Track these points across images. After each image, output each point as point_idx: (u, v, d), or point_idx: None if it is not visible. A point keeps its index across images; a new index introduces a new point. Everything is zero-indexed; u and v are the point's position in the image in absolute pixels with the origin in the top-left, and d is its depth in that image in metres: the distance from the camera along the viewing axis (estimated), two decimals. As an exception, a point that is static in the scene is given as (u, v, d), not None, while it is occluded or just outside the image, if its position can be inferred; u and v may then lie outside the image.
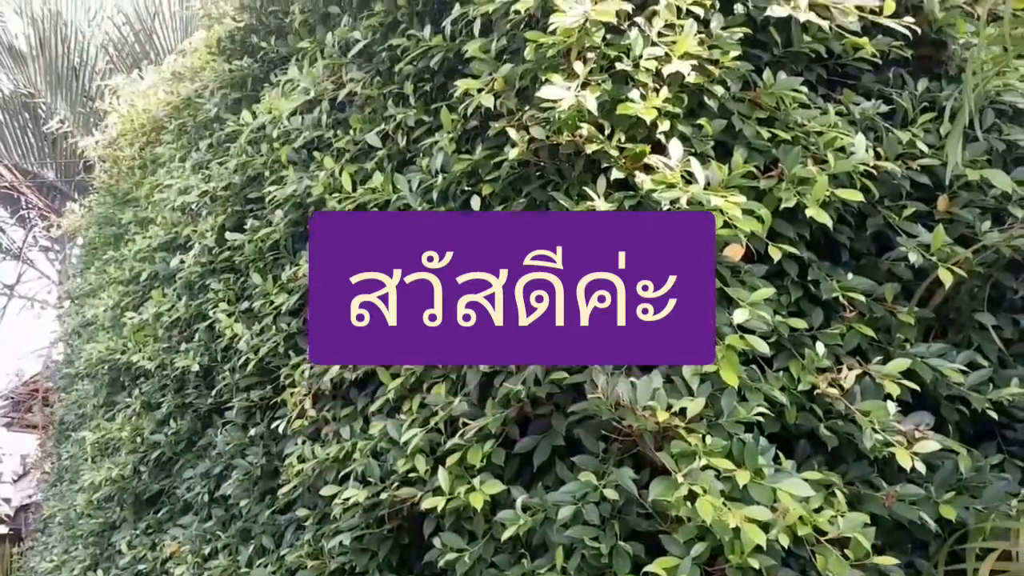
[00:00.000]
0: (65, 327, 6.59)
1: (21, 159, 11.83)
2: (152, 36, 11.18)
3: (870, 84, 2.53)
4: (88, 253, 6.66)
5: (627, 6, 2.16)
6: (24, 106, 11.90)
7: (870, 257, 2.40)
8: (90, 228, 6.49)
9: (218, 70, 4.34)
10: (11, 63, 11.73)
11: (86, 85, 11.23)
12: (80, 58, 11.47)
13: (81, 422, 5.65)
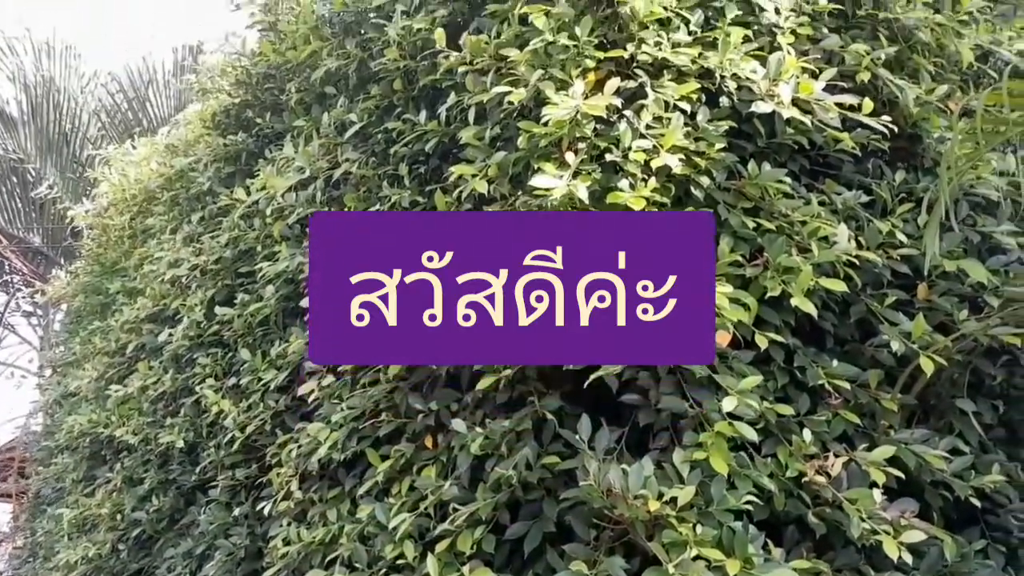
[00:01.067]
0: (46, 397, 6.52)
1: (7, 224, 11.85)
2: (145, 104, 11.34)
3: (851, 174, 2.61)
4: (73, 322, 6.64)
5: (617, 100, 2.23)
6: (13, 171, 11.97)
7: (854, 343, 2.44)
8: (76, 296, 6.48)
9: (212, 144, 4.41)
10: (2, 128, 11.83)
11: (76, 151, 11.33)
12: (72, 124, 11.58)
13: (59, 496, 5.56)
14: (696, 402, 2.13)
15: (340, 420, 2.72)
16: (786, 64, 2.35)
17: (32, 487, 6.69)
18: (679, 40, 2.39)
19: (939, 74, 2.79)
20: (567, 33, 2.39)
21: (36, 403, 7.63)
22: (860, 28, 2.78)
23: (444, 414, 2.54)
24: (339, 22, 3.46)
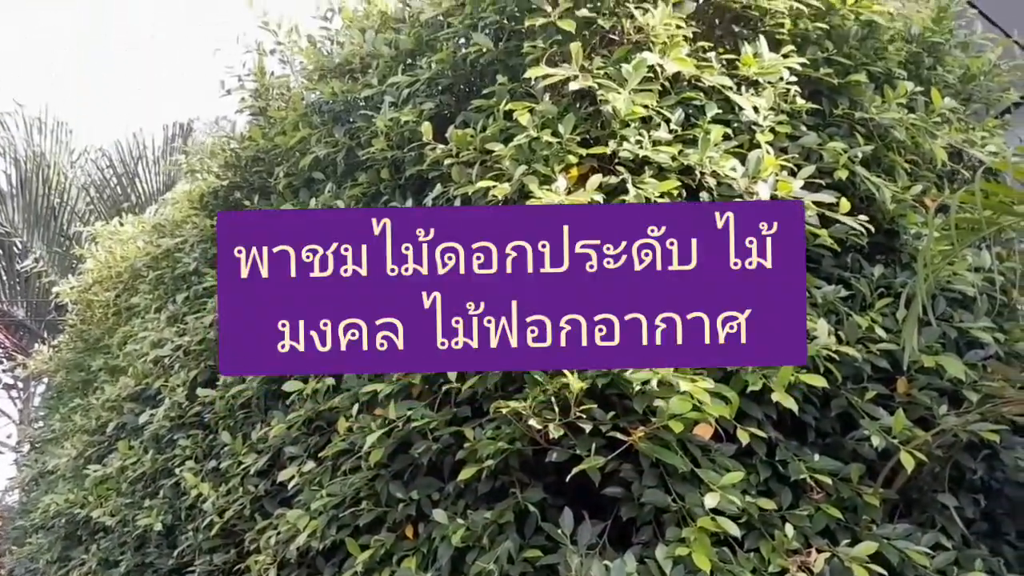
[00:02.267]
0: (23, 475, 6.41)
1: (-9, 296, 11.80)
2: (135, 179, 11.44)
3: (830, 268, 2.66)
4: (54, 398, 6.57)
5: (599, 196, 2.29)
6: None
7: (835, 436, 2.46)
8: (58, 372, 6.42)
9: (199, 224, 4.45)
10: (-10, 201, 11.87)
11: (64, 225, 11.35)
12: (60, 198, 11.64)
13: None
14: (679, 496, 2.13)
15: (320, 507, 2.69)
16: (765, 162, 2.42)
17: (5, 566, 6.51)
18: (660, 138, 2.46)
19: (914, 171, 2.88)
20: (551, 130, 2.45)
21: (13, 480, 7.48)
22: (837, 126, 2.87)
23: (425, 503, 2.52)
24: (328, 110, 3.54)
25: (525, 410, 2.20)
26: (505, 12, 2.91)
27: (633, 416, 2.17)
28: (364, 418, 2.70)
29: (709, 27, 2.93)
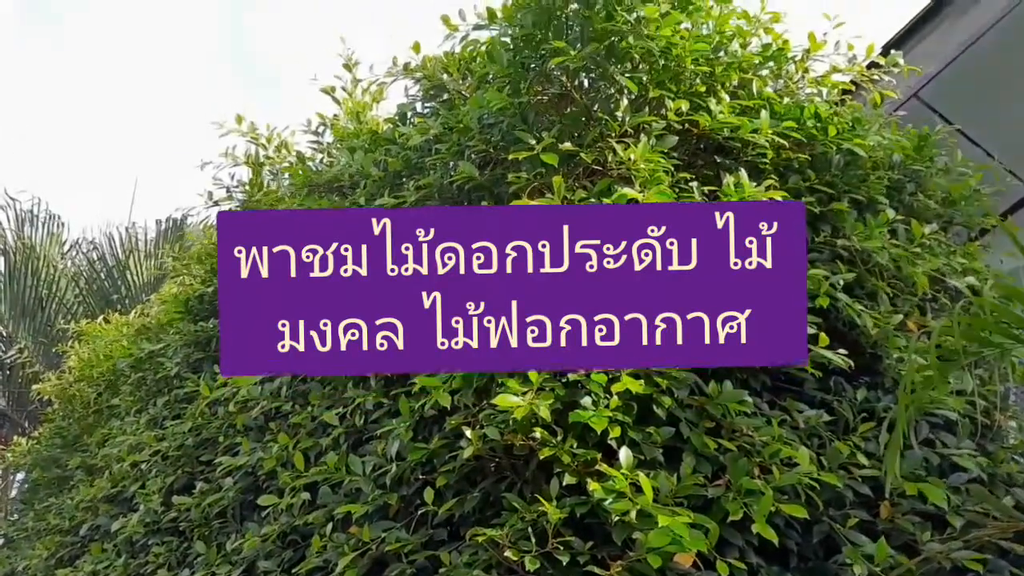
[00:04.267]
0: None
1: (-27, 385, 11.65)
2: (125, 272, 11.44)
3: (812, 392, 2.67)
4: (29, 492, 6.42)
5: (580, 322, 2.30)
6: (-16, 334, 11.89)
7: (818, 562, 2.41)
8: (35, 468, 6.30)
9: (183, 330, 4.44)
10: (-25, 292, 11.83)
11: (51, 316, 11.30)
12: (49, 290, 11.61)
13: None
14: (660, 627, 2.07)
15: (292, 630, 2.61)
16: (744, 288, 2.44)
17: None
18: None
19: (896, 295, 2.90)
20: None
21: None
22: (819, 252, 2.90)
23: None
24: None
25: (502, 539, 2.16)
26: (491, 142, 2.98)
27: (612, 546, 2.13)
28: (338, 537, 2.64)
29: (691, 157, 3.00)
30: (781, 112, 3.12)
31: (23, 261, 11.38)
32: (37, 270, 11.43)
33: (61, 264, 11.78)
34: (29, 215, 11.64)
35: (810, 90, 3.39)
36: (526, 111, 2.88)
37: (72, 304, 11.41)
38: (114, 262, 11.53)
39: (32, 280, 11.44)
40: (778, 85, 3.36)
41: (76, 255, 11.97)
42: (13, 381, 11.63)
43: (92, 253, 11.75)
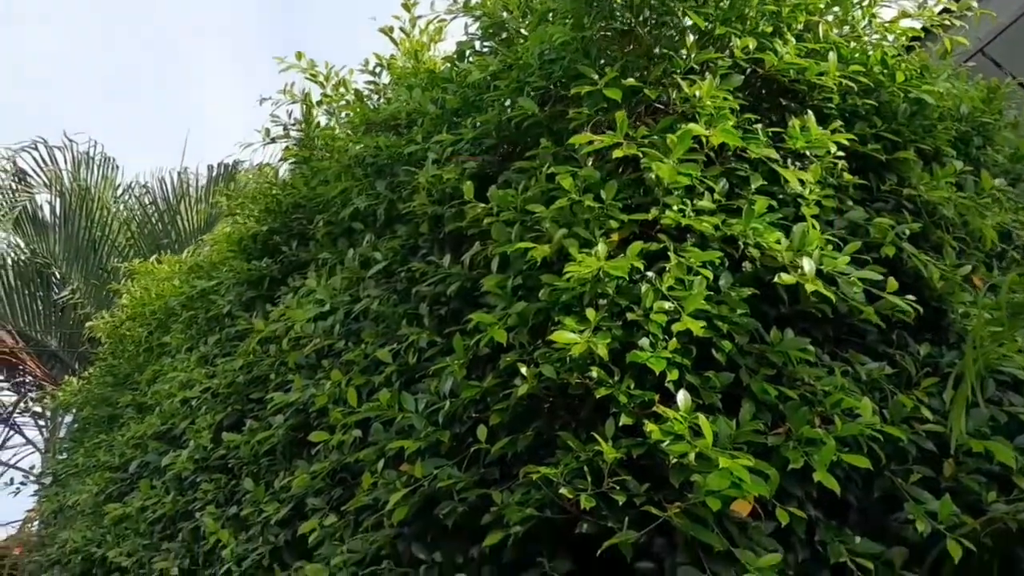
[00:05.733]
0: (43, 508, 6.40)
1: (26, 325, 11.93)
2: (176, 217, 11.60)
3: (875, 344, 2.59)
4: (80, 430, 6.58)
5: (639, 263, 2.25)
6: (38, 273, 12.15)
7: (878, 518, 2.36)
8: (85, 406, 6.44)
9: (236, 267, 4.47)
10: (33, 232, 12.09)
11: (103, 259, 11.51)
12: (102, 232, 11.82)
13: (46, 613, 5.38)
14: (713, 574, 2.04)
15: (340, 563, 2.63)
16: (810, 236, 2.37)
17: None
18: (703, 207, 2.43)
19: (963, 249, 2.81)
20: (593, 194, 2.43)
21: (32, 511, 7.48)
22: (884, 202, 2.82)
23: (448, 568, 2.45)
24: (371, 164, 3.56)
25: (556, 477, 2.14)
26: (552, 78, 2.92)
27: (669, 489, 2.10)
28: (389, 474, 2.65)
29: (756, 99, 2.91)
30: (848, 56, 3.02)
31: (78, 203, 11.59)
32: (91, 212, 11.64)
33: (114, 207, 11.96)
34: (85, 157, 11.83)
35: (877, 36, 3.27)
36: (588, 46, 2.81)
37: (124, 247, 11.61)
38: (165, 207, 11.69)
39: (86, 222, 11.65)
40: (843, 31, 3.24)
41: (129, 199, 12.16)
42: (65, 322, 11.90)
43: (144, 197, 11.93)
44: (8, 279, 12.08)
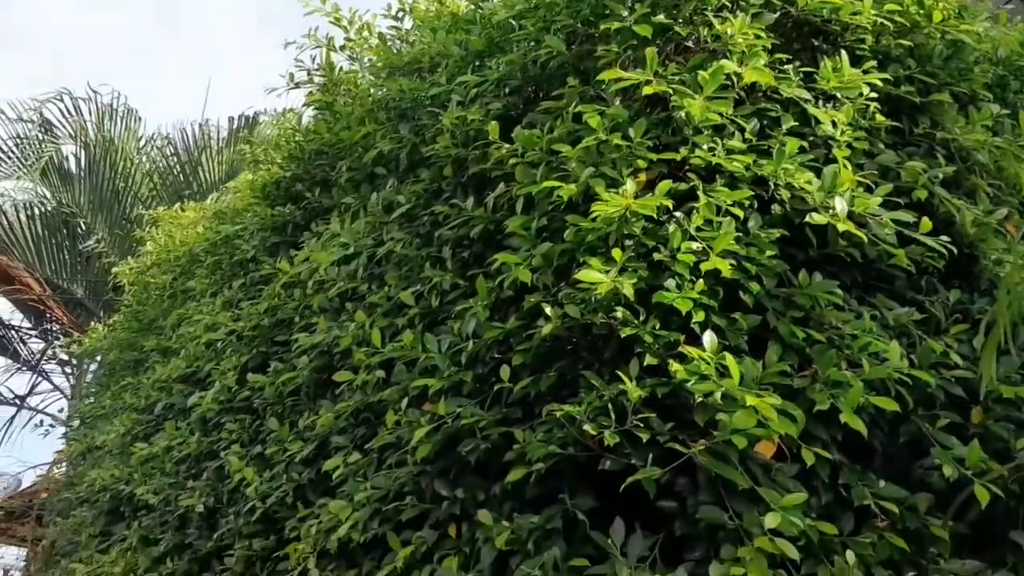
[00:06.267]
0: (71, 449, 6.51)
1: (53, 274, 12.06)
2: (198, 168, 11.63)
3: (903, 290, 2.56)
4: (106, 375, 6.66)
5: (668, 201, 2.22)
6: (64, 223, 12.24)
7: (903, 464, 2.35)
8: (111, 351, 6.52)
9: (260, 213, 4.47)
10: (58, 182, 12.16)
11: (127, 209, 11.59)
12: (125, 183, 11.89)
13: (73, 549, 5.48)
14: (736, 514, 2.05)
15: (363, 499, 2.66)
16: (841, 177, 2.33)
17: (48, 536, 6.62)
18: (733, 146, 2.39)
19: (997, 195, 2.76)
20: (620, 133, 2.40)
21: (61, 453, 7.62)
22: (916, 146, 2.77)
23: (470, 503, 2.48)
24: (394, 107, 3.53)
25: (579, 415, 2.15)
26: (579, 16, 2.86)
27: (693, 429, 2.10)
28: (413, 412, 2.67)
29: (787, 39, 2.85)
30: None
31: (102, 154, 11.64)
32: (115, 163, 11.69)
33: (137, 159, 12.01)
34: (108, 109, 11.85)
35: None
36: (618, -18, 2.75)
37: (146, 198, 11.67)
38: (187, 158, 11.72)
39: (110, 173, 11.71)
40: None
41: (151, 150, 12.19)
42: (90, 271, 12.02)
43: (166, 148, 11.96)
44: (36, 229, 12.19)
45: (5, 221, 11.86)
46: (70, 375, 12.59)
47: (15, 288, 11.07)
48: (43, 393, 12.70)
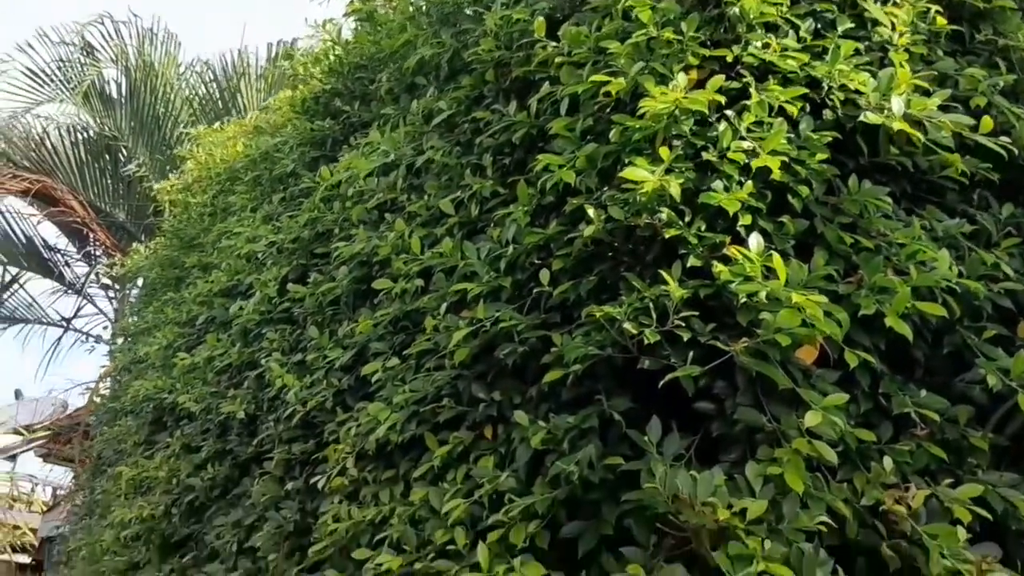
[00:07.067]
0: (115, 363, 6.67)
1: (96, 198, 12.24)
2: (236, 95, 11.63)
3: (954, 203, 2.50)
4: (148, 293, 6.78)
5: (720, 97, 2.17)
6: (107, 148, 12.39)
7: (944, 376, 2.32)
8: (153, 269, 6.62)
9: (300, 128, 4.47)
10: (100, 106, 12.26)
11: (167, 134, 11.66)
12: (165, 108, 11.95)
13: (119, 458, 5.65)
14: (774, 417, 2.04)
15: (401, 402, 2.69)
16: (899, 78, 2.26)
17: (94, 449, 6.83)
18: (787, 45, 2.32)
19: (1057, 109, 2.66)
20: (671, 28, 2.34)
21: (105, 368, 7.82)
22: (976, 55, 2.67)
23: (506, 405, 2.49)
24: (436, 12, 3.47)
25: (620, 315, 2.13)
26: None
27: (734, 331, 2.08)
28: (451, 318, 2.68)
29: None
30: None
31: (142, 79, 11.68)
32: (155, 88, 11.75)
33: (177, 84, 12.04)
34: (149, 33, 11.87)
35: None
36: None
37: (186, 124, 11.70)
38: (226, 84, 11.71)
39: (150, 98, 11.77)
40: None
41: (190, 76, 12.20)
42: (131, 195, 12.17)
43: (206, 74, 11.96)
44: (80, 154, 12.36)
45: (49, 144, 12.01)
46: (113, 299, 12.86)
47: (60, 211, 11.25)
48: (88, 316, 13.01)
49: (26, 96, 11.87)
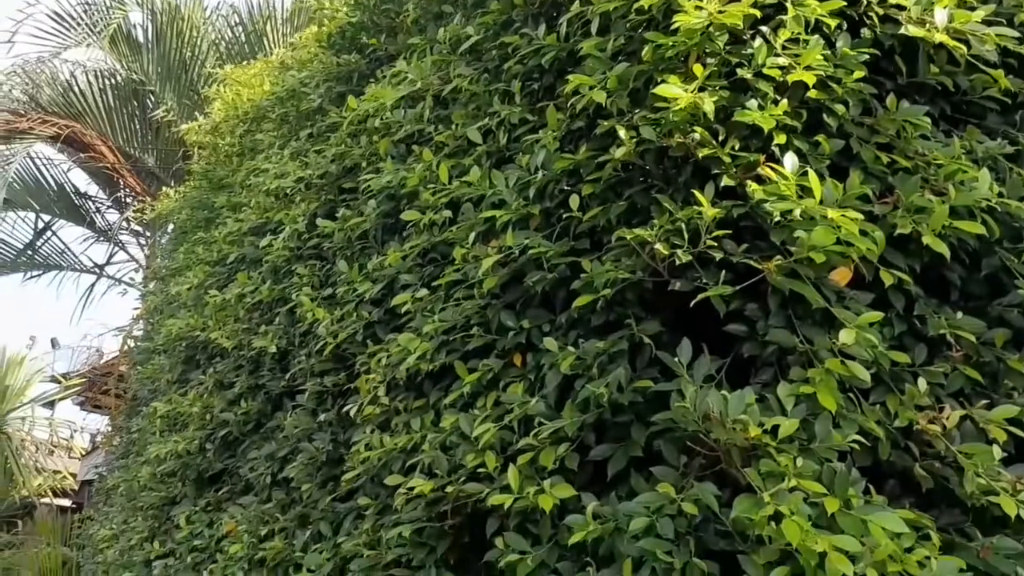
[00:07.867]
0: (148, 304, 6.76)
1: (125, 143, 12.28)
2: (262, 38, 11.55)
3: (995, 125, 2.43)
4: (178, 235, 6.84)
5: (755, 12, 2.11)
6: (134, 93, 12.38)
7: (980, 300, 2.28)
8: (183, 211, 6.66)
9: (326, 63, 4.43)
10: (128, 52, 12.23)
11: (194, 79, 11.63)
12: (191, 52, 11.90)
13: (153, 397, 5.76)
14: (807, 339, 2.02)
15: (431, 331, 2.70)
16: (941, -9, 2.18)
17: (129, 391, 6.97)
18: (826, -41, 2.24)
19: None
20: (706, -58, 2.26)
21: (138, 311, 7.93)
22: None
23: (535, 334, 2.49)
24: (466, -65, 3.40)
25: (651, 237, 2.11)
26: None
27: (767, 252, 2.05)
28: (480, 248, 2.66)
29: None
30: None
31: (168, 23, 11.61)
32: (181, 32, 11.68)
33: (203, 28, 11.96)
34: (174, -26, 11.75)
35: None
36: None
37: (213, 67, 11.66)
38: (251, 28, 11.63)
39: (176, 42, 11.71)
40: None
41: (216, 19, 12.12)
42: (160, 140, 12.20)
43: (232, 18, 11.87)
44: (108, 99, 12.36)
45: (77, 89, 12.03)
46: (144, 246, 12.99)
47: (90, 156, 11.33)
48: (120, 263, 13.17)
49: (53, 40, 11.87)
